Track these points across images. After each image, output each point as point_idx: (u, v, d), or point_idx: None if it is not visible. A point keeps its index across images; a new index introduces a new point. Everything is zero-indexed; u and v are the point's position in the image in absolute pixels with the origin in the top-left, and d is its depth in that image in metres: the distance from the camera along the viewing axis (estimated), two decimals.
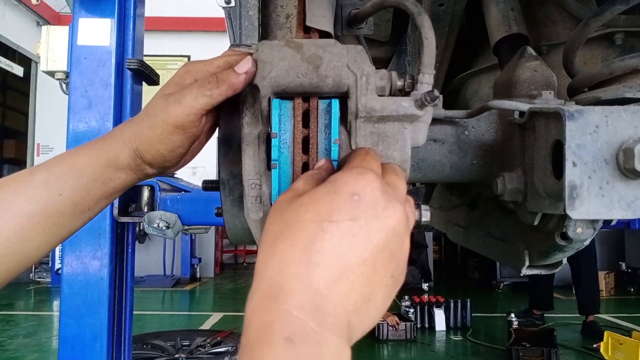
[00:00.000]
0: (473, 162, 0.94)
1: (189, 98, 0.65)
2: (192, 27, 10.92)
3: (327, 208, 0.50)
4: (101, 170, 0.68)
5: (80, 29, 2.09)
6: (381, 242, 0.50)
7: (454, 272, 12.44)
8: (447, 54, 1.60)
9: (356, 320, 0.49)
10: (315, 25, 0.80)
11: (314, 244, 0.48)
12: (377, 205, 0.51)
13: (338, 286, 0.48)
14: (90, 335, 2.04)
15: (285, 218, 0.51)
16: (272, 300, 0.46)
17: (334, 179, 0.53)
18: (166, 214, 2.37)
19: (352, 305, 0.49)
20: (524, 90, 0.96)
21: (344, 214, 0.50)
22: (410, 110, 0.69)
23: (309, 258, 0.48)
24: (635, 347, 4.60)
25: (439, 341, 6.33)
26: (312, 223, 0.49)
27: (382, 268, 0.51)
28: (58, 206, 0.66)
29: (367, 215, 0.50)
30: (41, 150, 11.06)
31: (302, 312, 0.45)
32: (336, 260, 0.48)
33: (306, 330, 0.45)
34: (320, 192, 0.52)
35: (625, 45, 1.22)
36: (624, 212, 0.68)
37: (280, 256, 0.49)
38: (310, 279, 0.47)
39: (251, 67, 0.66)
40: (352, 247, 0.49)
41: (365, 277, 0.49)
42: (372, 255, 0.50)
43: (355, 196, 0.51)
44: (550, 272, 0.93)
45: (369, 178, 0.52)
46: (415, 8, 0.75)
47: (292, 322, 0.45)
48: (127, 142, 0.68)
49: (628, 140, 0.67)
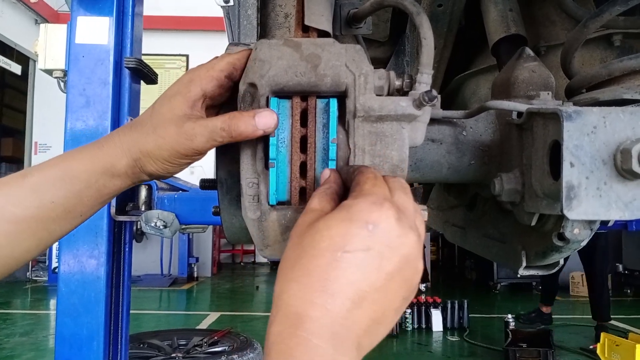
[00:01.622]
0: (471, 162, 0.94)
1: (200, 140, 0.65)
2: (191, 26, 10.91)
3: (341, 237, 0.52)
4: (95, 177, 0.67)
5: (78, 27, 2.08)
6: (394, 270, 0.52)
7: (451, 272, 12.45)
8: (446, 54, 1.60)
9: (366, 342, 0.52)
10: (313, 25, 0.80)
11: (329, 273, 0.50)
12: (391, 234, 0.53)
13: (352, 314, 0.50)
14: (87, 334, 2.03)
15: (303, 244, 0.53)
16: (292, 326, 0.49)
17: (349, 205, 0.54)
18: (164, 213, 2.37)
19: (363, 329, 0.51)
20: (522, 91, 0.96)
21: (358, 244, 0.51)
22: (408, 110, 0.69)
23: (324, 287, 0.50)
24: (632, 349, 4.61)
25: (436, 342, 6.34)
26: (326, 252, 0.51)
27: (394, 294, 0.53)
28: (49, 212, 0.65)
29: (381, 245, 0.52)
30: (39, 149, 11.03)
31: (321, 339, 0.48)
32: (350, 290, 0.50)
33: (325, 355, 0.48)
34: (335, 219, 0.53)
35: (624, 47, 1.22)
36: (621, 213, 0.68)
37: (298, 283, 0.51)
38: (327, 307, 0.49)
39: (272, 124, 0.65)
40: (365, 277, 0.51)
41: (378, 304, 0.52)
42: (385, 283, 0.52)
43: (369, 225, 0.52)
44: (548, 273, 0.93)
45: (386, 207, 0.53)
46: (413, 8, 0.75)
47: (312, 348, 0.48)
48: (127, 151, 0.67)
49: (626, 141, 0.67)
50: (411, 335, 6.63)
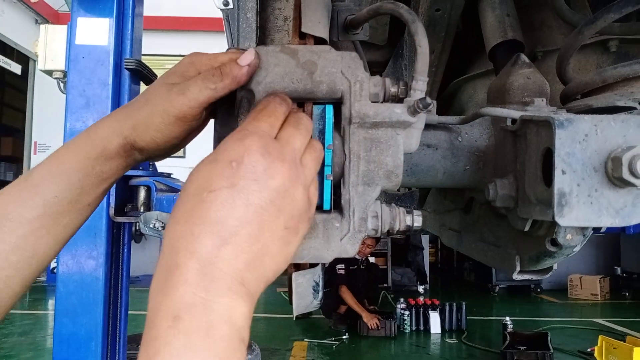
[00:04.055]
0: (466, 167, 0.95)
1: (193, 90, 0.65)
2: (191, 27, 10.92)
3: (205, 179, 0.52)
4: (91, 164, 0.67)
5: (78, 28, 2.09)
6: (263, 202, 0.52)
7: (449, 274, 12.45)
8: (444, 58, 1.61)
9: (251, 276, 0.51)
10: (310, 32, 0.81)
11: (194, 216, 0.50)
12: (256, 168, 0.53)
13: (223, 251, 0.49)
14: (86, 335, 2.04)
15: (180, 193, 0.54)
16: (162, 280, 0.49)
17: (219, 146, 0.55)
18: (162, 214, 2.37)
19: (242, 264, 0.50)
20: (517, 97, 0.97)
21: (221, 182, 0.51)
22: (403, 116, 0.69)
23: (191, 230, 0.50)
24: (629, 352, 4.62)
25: (434, 344, 6.34)
26: (192, 196, 0.52)
27: (270, 224, 0.53)
28: (56, 207, 0.66)
29: (246, 180, 0.52)
30: (38, 149, 11.03)
31: (188, 285, 0.47)
32: (217, 228, 0.50)
33: (194, 301, 0.46)
34: (203, 163, 0.54)
35: (620, 52, 1.23)
36: (612, 220, 0.69)
37: (169, 234, 0.51)
38: (193, 250, 0.49)
39: (254, 60, 0.66)
40: (231, 213, 0.51)
41: (252, 237, 0.51)
42: (255, 216, 0.52)
43: (233, 162, 0.52)
44: (541, 278, 0.94)
45: (248, 143, 0.54)
46: (409, 16, 0.76)
47: (179, 297, 0.47)
48: (117, 129, 0.67)
49: (617, 149, 0.68)
50: (409, 338, 6.64)
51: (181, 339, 0.45)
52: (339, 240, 0.69)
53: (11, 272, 0.65)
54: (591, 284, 9.51)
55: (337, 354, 5.85)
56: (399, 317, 6.83)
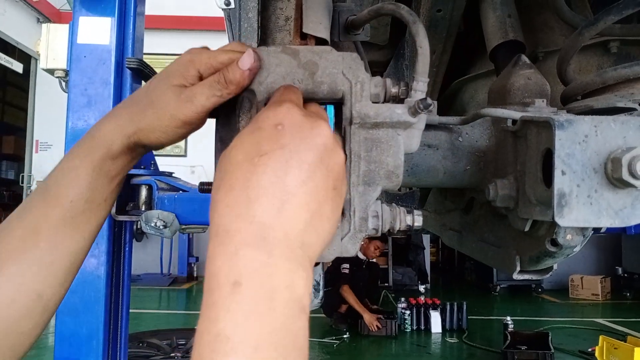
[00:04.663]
0: (467, 167, 0.95)
1: (200, 98, 0.65)
2: (192, 26, 10.92)
3: (254, 144, 0.52)
4: (99, 165, 0.69)
5: (80, 27, 2.10)
6: (315, 159, 0.52)
7: (450, 274, 12.45)
8: (445, 58, 1.61)
9: (311, 237, 0.51)
10: (311, 32, 0.81)
11: (250, 180, 0.50)
12: (303, 127, 0.53)
13: (283, 212, 0.49)
14: (87, 333, 2.04)
15: (222, 167, 0.53)
16: (219, 244, 0.48)
17: (256, 117, 0.56)
18: (164, 213, 2.38)
19: (302, 224, 0.50)
20: (517, 98, 0.97)
21: (272, 144, 0.51)
22: (403, 117, 0.70)
23: (247, 195, 0.49)
24: (630, 352, 4.62)
25: (435, 343, 6.35)
26: (244, 162, 0.51)
27: (323, 183, 0.52)
28: (74, 210, 0.69)
29: (295, 138, 0.52)
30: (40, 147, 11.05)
31: (248, 249, 0.47)
32: (275, 189, 0.49)
33: (254, 265, 0.46)
34: (245, 133, 0.54)
35: (621, 53, 1.23)
36: (611, 220, 0.69)
37: (222, 201, 0.50)
38: (252, 214, 0.48)
39: (254, 63, 0.66)
40: (288, 172, 0.50)
41: (309, 195, 0.51)
42: (310, 174, 0.51)
43: (278, 126, 0.53)
44: (541, 278, 0.94)
45: (287, 107, 0.55)
46: (410, 17, 0.76)
47: (239, 262, 0.46)
48: (121, 129, 0.69)
49: (616, 150, 0.68)
50: (410, 337, 6.65)
51: (243, 306, 0.44)
52: (339, 239, 0.69)
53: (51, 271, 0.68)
54: (592, 284, 9.51)
55: (338, 353, 5.86)
56: (399, 317, 6.84)
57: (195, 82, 0.67)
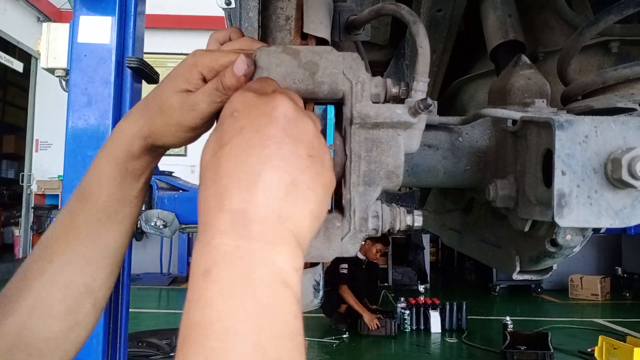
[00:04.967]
0: (467, 168, 0.95)
1: (202, 105, 0.67)
2: (193, 25, 10.93)
3: (217, 140, 0.54)
4: (124, 166, 0.72)
5: (81, 26, 2.09)
6: (277, 132, 0.52)
7: (450, 274, 12.46)
8: (445, 58, 1.61)
9: (289, 209, 0.50)
10: (312, 32, 0.81)
11: (217, 173, 0.51)
12: (258, 105, 0.54)
13: (253, 194, 0.49)
14: None
15: (200, 170, 0.55)
16: (197, 240, 0.50)
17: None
18: (164, 213, 2.38)
19: (276, 199, 0.50)
20: (517, 98, 0.97)
21: (230, 133, 0.53)
22: (403, 117, 0.70)
23: (217, 187, 0.50)
24: (630, 352, 4.62)
25: (434, 343, 6.35)
26: (211, 159, 0.53)
27: (292, 153, 0.52)
28: (108, 208, 0.72)
29: (251, 118, 0.53)
30: (40, 146, 11.05)
31: (222, 236, 0.47)
32: (240, 173, 0.50)
33: (227, 250, 0.47)
34: (211, 134, 0.56)
35: (621, 53, 1.23)
36: (611, 221, 0.69)
37: (200, 200, 0.52)
38: (222, 204, 0.49)
39: (248, 69, 0.67)
40: (250, 153, 0.51)
41: (278, 170, 0.51)
42: (275, 149, 0.51)
43: (234, 113, 0.54)
44: (541, 278, 0.94)
45: (239, 93, 0.57)
46: (410, 17, 0.76)
47: (212, 251, 0.47)
48: (137, 132, 0.71)
49: (616, 151, 0.68)
50: (409, 337, 6.65)
51: (213, 288, 0.45)
52: (339, 239, 0.69)
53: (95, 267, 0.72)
54: (592, 284, 9.51)
55: (338, 353, 5.86)
56: (399, 317, 6.84)
57: (200, 85, 0.69)
